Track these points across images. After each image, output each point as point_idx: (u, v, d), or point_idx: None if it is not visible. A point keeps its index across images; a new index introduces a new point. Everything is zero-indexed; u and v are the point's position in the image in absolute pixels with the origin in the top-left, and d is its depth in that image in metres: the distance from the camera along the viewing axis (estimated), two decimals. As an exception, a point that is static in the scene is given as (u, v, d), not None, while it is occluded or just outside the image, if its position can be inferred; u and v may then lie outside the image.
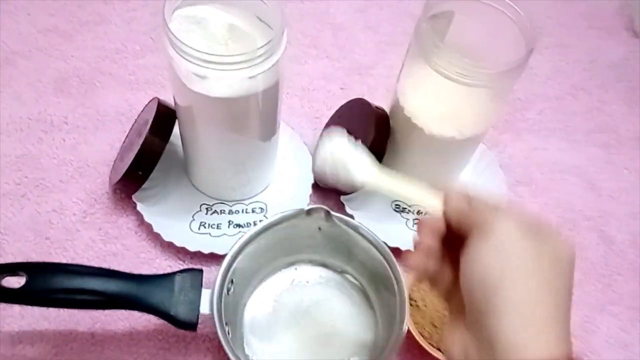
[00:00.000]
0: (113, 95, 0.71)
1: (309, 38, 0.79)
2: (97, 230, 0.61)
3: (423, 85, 0.55)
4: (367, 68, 0.77)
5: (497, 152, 0.71)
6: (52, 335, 0.55)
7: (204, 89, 0.50)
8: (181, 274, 0.51)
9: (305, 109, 0.73)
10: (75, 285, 0.47)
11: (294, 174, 0.67)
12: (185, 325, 0.49)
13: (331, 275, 0.60)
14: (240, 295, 0.57)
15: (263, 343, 0.55)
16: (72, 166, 0.65)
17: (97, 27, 0.77)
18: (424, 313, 0.56)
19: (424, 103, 0.56)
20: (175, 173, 0.65)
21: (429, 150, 0.59)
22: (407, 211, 0.65)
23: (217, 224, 0.62)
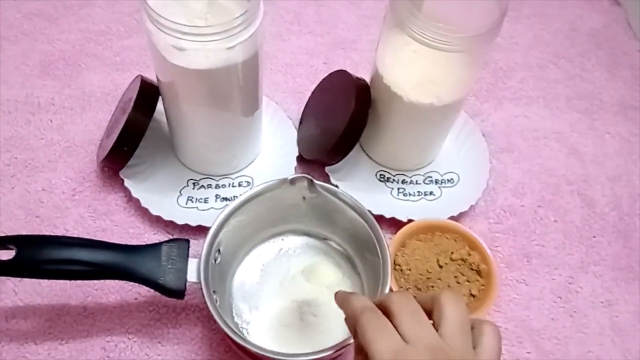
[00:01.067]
0: (98, 76, 0.72)
1: (291, 14, 0.80)
2: (87, 207, 0.62)
3: (400, 53, 0.56)
4: (351, 42, 0.78)
5: (480, 121, 0.72)
6: (45, 310, 0.56)
7: (183, 62, 0.51)
8: (168, 244, 0.52)
9: (289, 84, 0.74)
10: (64, 256, 0.48)
11: (279, 147, 0.68)
12: (173, 293, 0.50)
13: (317, 243, 0.61)
14: (229, 264, 0.58)
15: (252, 310, 0.57)
16: (60, 146, 0.66)
17: (81, 10, 0.78)
18: (408, 277, 0.58)
19: (402, 71, 0.57)
20: (162, 149, 0.66)
21: (409, 118, 0.60)
22: (392, 180, 0.66)
23: (204, 198, 0.63)
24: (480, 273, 0.58)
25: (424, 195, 0.65)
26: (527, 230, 0.65)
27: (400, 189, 0.66)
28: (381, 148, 0.66)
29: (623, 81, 0.79)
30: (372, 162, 0.68)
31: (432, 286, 0.57)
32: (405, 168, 0.67)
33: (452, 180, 0.67)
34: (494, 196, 0.67)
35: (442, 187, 0.66)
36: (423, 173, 0.67)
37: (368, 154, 0.68)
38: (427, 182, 0.67)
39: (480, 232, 0.64)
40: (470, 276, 0.58)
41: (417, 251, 0.59)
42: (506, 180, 0.69)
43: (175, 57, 0.51)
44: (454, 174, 0.67)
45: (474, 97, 0.75)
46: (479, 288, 0.57)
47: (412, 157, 0.66)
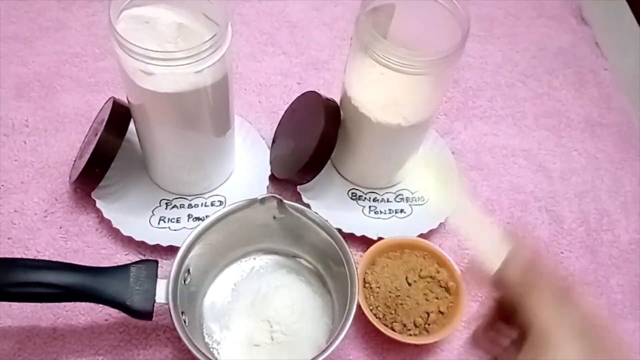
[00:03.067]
0: (73, 97, 0.73)
1: (265, 36, 0.81)
2: (58, 229, 0.62)
3: (366, 75, 0.57)
4: (323, 63, 0.80)
5: (450, 139, 0.74)
6: (15, 332, 0.56)
7: (151, 86, 0.52)
8: (136, 265, 0.52)
9: (263, 104, 0.75)
10: (31, 279, 0.48)
11: (252, 166, 0.69)
12: (141, 314, 0.51)
13: (288, 262, 0.62)
14: (200, 284, 0.58)
15: (222, 330, 0.57)
16: (33, 167, 0.66)
17: (57, 33, 0.79)
18: (377, 294, 0.58)
19: (369, 93, 0.58)
20: (135, 170, 0.66)
21: (378, 138, 0.61)
22: (363, 198, 0.67)
23: (176, 218, 0.64)
24: (449, 290, 0.59)
25: (395, 213, 0.66)
26: (496, 247, 0.66)
27: (372, 207, 0.67)
28: (352, 167, 0.67)
29: (590, 99, 0.81)
30: (344, 180, 0.69)
31: (401, 304, 0.58)
32: (376, 186, 0.68)
33: (422, 198, 0.68)
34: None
35: (413, 204, 0.67)
36: (394, 191, 0.68)
37: (340, 172, 0.69)
38: (398, 200, 0.68)
39: (450, 248, 0.65)
40: (439, 293, 0.59)
41: (386, 269, 0.60)
42: (475, 198, 0.70)
43: (144, 81, 0.52)
44: (424, 192, 0.68)
45: (445, 116, 0.76)
46: (448, 305, 0.58)
47: (382, 176, 0.67)
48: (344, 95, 0.62)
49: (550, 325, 0.37)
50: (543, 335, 0.36)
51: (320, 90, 0.66)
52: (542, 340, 0.36)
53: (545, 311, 0.37)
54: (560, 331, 0.36)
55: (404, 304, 0.58)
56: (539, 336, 0.36)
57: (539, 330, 0.37)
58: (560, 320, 0.37)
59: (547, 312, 0.37)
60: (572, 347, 0.36)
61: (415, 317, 0.57)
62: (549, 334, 0.36)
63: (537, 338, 0.37)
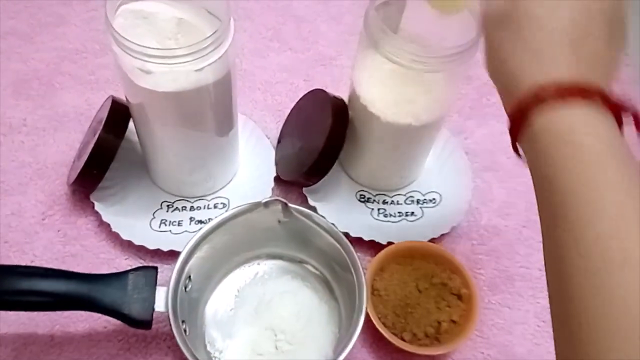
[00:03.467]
0: (73, 95, 0.71)
1: (271, 31, 0.79)
2: (56, 232, 0.60)
3: (376, 73, 0.55)
4: (331, 59, 0.77)
5: (463, 139, 0.71)
6: (11, 339, 0.54)
7: (150, 85, 0.50)
8: (135, 272, 0.50)
9: (268, 102, 0.72)
10: (25, 287, 0.46)
11: (256, 167, 0.66)
12: (139, 323, 0.48)
13: (294, 268, 0.59)
14: (201, 290, 0.56)
15: (225, 339, 0.55)
16: (31, 168, 0.64)
17: (57, 29, 0.77)
18: (387, 302, 0.56)
19: (378, 91, 0.56)
20: (135, 171, 0.64)
21: (388, 137, 0.59)
22: (372, 201, 0.65)
23: (178, 221, 0.62)
24: (462, 297, 0.56)
25: (405, 215, 0.64)
26: (511, 252, 0.64)
27: (381, 210, 0.64)
28: (361, 168, 0.65)
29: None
30: (353, 182, 0.66)
31: (411, 312, 0.55)
32: (386, 188, 0.65)
33: (434, 200, 0.65)
34: (477, 216, 0.66)
35: (424, 207, 0.65)
36: (404, 193, 0.66)
37: (348, 173, 0.66)
38: (408, 202, 0.65)
39: (462, 253, 0.63)
40: (451, 301, 0.56)
41: (395, 275, 0.57)
42: (490, 200, 0.67)
43: (142, 79, 0.50)
44: (436, 194, 0.66)
45: (457, 114, 0.73)
46: (460, 313, 0.56)
47: (392, 177, 0.65)
48: (352, 93, 0.59)
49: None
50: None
51: (328, 88, 0.63)
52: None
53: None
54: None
55: (414, 312, 0.55)
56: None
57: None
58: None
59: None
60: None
61: (426, 326, 0.54)
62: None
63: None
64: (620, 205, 0.30)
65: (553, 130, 0.33)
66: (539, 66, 0.34)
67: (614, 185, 0.31)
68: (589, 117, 0.32)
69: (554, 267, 0.33)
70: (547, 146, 0.33)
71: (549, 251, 0.33)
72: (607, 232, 0.29)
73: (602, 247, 0.29)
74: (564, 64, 0.34)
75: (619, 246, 0.29)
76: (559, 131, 0.32)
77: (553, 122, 0.33)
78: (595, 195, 0.30)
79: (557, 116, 0.33)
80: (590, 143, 0.32)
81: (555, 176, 0.32)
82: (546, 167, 0.33)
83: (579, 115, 0.32)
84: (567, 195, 0.31)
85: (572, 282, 0.30)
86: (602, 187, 0.31)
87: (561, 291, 0.32)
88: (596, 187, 0.31)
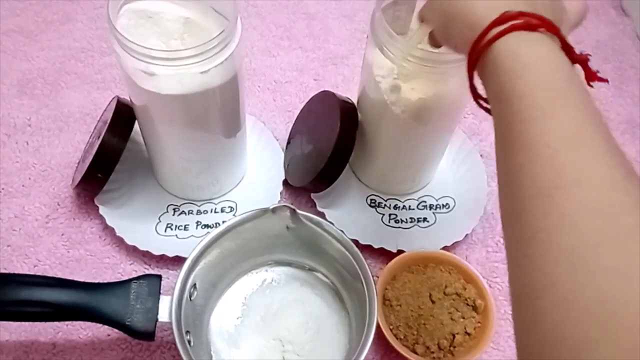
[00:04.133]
0: (78, 95, 0.69)
1: (281, 29, 0.77)
2: (60, 236, 0.59)
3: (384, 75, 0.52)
4: (342, 58, 0.75)
5: (478, 141, 0.68)
6: (13, 347, 0.53)
7: (154, 87, 0.48)
8: (138, 281, 0.48)
9: (278, 103, 0.70)
10: (24, 297, 0.45)
11: (265, 170, 0.64)
12: (142, 335, 0.47)
13: (302, 275, 0.58)
14: (207, 299, 0.54)
15: (231, 349, 0.53)
16: (35, 170, 0.63)
17: (63, 27, 0.75)
18: (398, 313, 0.54)
19: (390, 92, 0.53)
20: (141, 173, 0.63)
21: (399, 140, 0.57)
22: (383, 206, 0.63)
23: (184, 226, 0.60)
24: (477, 309, 0.54)
25: (417, 222, 0.62)
26: (528, 259, 0.61)
27: (392, 215, 0.62)
28: (371, 171, 0.62)
29: (631, 97, 0.75)
30: (363, 186, 0.64)
31: (424, 323, 0.53)
32: (397, 192, 0.63)
33: (447, 206, 0.63)
34: (493, 222, 0.63)
35: (437, 213, 0.62)
36: (417, 198, 0.63)
37: (358, 177, 0.64)
38: (420, 207, 0.63)
39: (477, 261, 0.60)
40: (466, 312, 0.54)
41: (408, 285, 0.55)
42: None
43: (145, 81, 0.48)
44: (449, 199, 0.63)
45: (472, 115, 0.71)
46: (475, 325, 0.54)
47: (404, 181, 0.62)
48: (361, 95, 0.57)
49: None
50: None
51: (339, 88, 0.62)
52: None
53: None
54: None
55: (427, 323, 0.53)
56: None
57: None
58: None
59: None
60: None
61: (439, 338, 0.52)
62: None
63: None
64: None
65: (511, 50, 0.33)
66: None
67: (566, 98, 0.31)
68: (544, 43, 0.33)
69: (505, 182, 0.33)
70: (503, 62, 0.33)
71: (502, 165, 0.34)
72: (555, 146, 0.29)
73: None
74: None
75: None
76: (516, 51, 0.33)
77: (510, 44, 0.33)
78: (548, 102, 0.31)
79: (514, 39, 0.33)
80: (544, 59, 0.32)
81: (510, 87, 0.32)
82: (502, 80, 0.33)
83: (536, 39, 0.33)
84: (521, 99, 0.31)
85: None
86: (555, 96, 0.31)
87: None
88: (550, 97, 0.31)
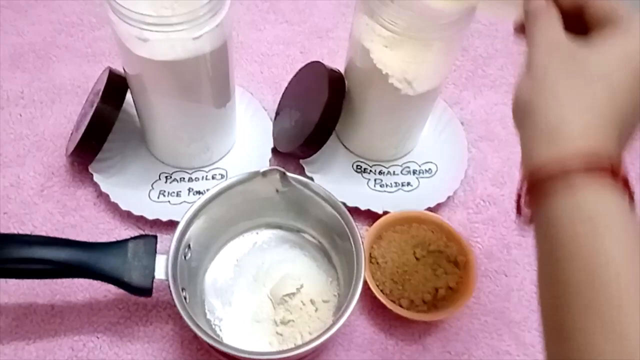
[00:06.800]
0: (69, 68, 0.70)
1: (267, 3, 0.78)
2: (55, 203, 0.61)
3: (372, 42, 0.54)
4: (327, 31, 0.77)
5: (459, 109, 0.71)
6: (12, 309, 0.55)
7: (147, 53, 0.50)
8: (134, 241, 0.50)
9: (265, 74, 0.72)
10: (25, 255, 0.47)
11: (254, 138, 0.66)
12: (140, 291, 0.49)
13: (292, 237, 0.60)
14: (201, 260, 0.57)
15: (224, 306, 0.55)
16: (29, 140, 0.65)
17: (52, 2, 0.76)
18: (384, 270, 0.57)
19: (375, 60, 0.55)
20: (134, 143, 0.64)
21: (384, 107, 0.59)
22: (368, 171, 0.65)
23: (176, 192, 0.62)
24: (458, 265, 0.57)
25: (401, 186, 0.64)
26: (507, 220, 0.64)
27: (377, 180, 0.65)
28: (357, 139, 0.65)
29: None
30: (349, 152, 0.66)
31: (409, 279, 0.56)
32: (382, 158, 0.66)
33: (430, 171, 0.66)
34: (473, 185, 0.66)
35: (420, 177, 0.65)
36: (401, 164, 0.66)
37: (345, 144, 0.66)
38: (404, 172, 0.65)
39: (459, 222, 0.63)
40: (448, 268, 0.57)
41: (393, 243, 0.58)
42: (485, 170, 0.67)
43: (139, 48, 0.49)
44: (432, 164, 0.66)
45: (453, 85, 0.73)
46: (457, 280, 0.56)
47: (389, 147, 0.65)
48: (348, 64, 0.60)
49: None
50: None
51: (324, 60, 0.63)
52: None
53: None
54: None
55: (411, 279, 0.56)
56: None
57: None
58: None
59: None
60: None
61: (423, 292, 0.55)
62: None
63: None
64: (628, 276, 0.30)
65: (573, 205, 0.32)
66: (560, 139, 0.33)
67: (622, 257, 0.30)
68: (606, 195, 0.31)
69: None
70: (562, 217, 0.32)
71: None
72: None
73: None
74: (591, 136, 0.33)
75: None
76: (578, 206, 0.31)
77: (574, 198, 0.32)
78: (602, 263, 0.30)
79: (579, 192, 0.32)
80: (605, 223, 0.31)
81: (565, 245, 0.31)
82: (557, 235, 0.32)
83: (599, 192, 0.31)
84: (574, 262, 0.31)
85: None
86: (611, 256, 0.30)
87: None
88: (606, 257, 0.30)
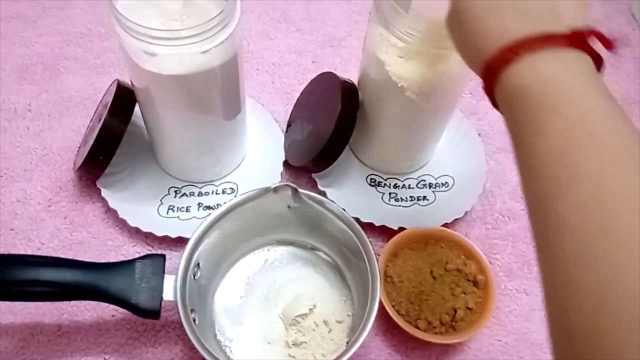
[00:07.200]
0: (78, 79, 0.69)
1: (278, 12, 0.77)
2: (63, 219, 0.59)
3: (387, 53, 0.53)
4: (340, 40, 0.75)
5: (476, 120, 0.69)
6: (18, 329, 0.53)
7: (155, 67, 0.48)
8: (142, 261, 0.49)
9: (276, 85, 0.71)
10: (30, 277, 0.45)
11: (265, 151, 0.65)
12: (147, 313, 0.47)
13: (304, 254, 0.58)
14: (211, 278, 0.55)
15: (235, 326, 0.54)
16: (36, 154, 0.63)
17: (61, 12, 0.75)
18: (400, 289, 0.55)
19: (390, 71, 0.54)
20: (142, 156, 0.63)
21: (399, 119, 0.57)
22: (383, 185, 0.63)
23: (186, 207, 0.60)
24: (477, 284, 0.55)
25: (417, 200, 0.62)
26: (528, 236, 0.61)
27: (392, 194, 0.63)
28: (371, 151, 0.63)
29: (626, 74, 0.75)
30: (363, 165, 0.64)
31: (426, 299, 0.54)
32: (397, 171, 0.64)
33: (446, 184, 0.64)
34: (492, 200, 0.64)
35: (436, 191, 0.63)
36: (416, 177, 0.64)
37: (358, 157, 0.65)
38: (420, 186, 0.63)
39: (477, 238, 0.61)
40: (467, 288, 0.55)
41: (409, 262, 0.56)
42: (504, 183, 0.65)
43: (146, 62, 0.48)
44: (449, 177, 0.64)
45: (470, 95, 0.71)
46: (476, 300, 0.54)
47: (404, 160, 0.63)
48: (362, 75, 0.58)
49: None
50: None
51: (337, 69, 0.62)
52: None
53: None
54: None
55: (428, 299, 0.54)
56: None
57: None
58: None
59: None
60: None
61: (441, 313, 0.53)
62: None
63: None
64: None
65: (527, 78, 0.33)
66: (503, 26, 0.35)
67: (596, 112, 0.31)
68: (559, 61, 0.33)
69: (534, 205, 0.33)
70: (522, 91, 0.33)
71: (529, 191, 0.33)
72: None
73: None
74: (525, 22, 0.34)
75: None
76: (532, 79, 0.33)
77: (525, 72, 0.33)
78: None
79: (526, 66, 0.33)
80: (560, 79, 0.32)
81: (532, 116, 0.32)
82: (522, 109, 0.33)
83: (549, 60, 0.33)
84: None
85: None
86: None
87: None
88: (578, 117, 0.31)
